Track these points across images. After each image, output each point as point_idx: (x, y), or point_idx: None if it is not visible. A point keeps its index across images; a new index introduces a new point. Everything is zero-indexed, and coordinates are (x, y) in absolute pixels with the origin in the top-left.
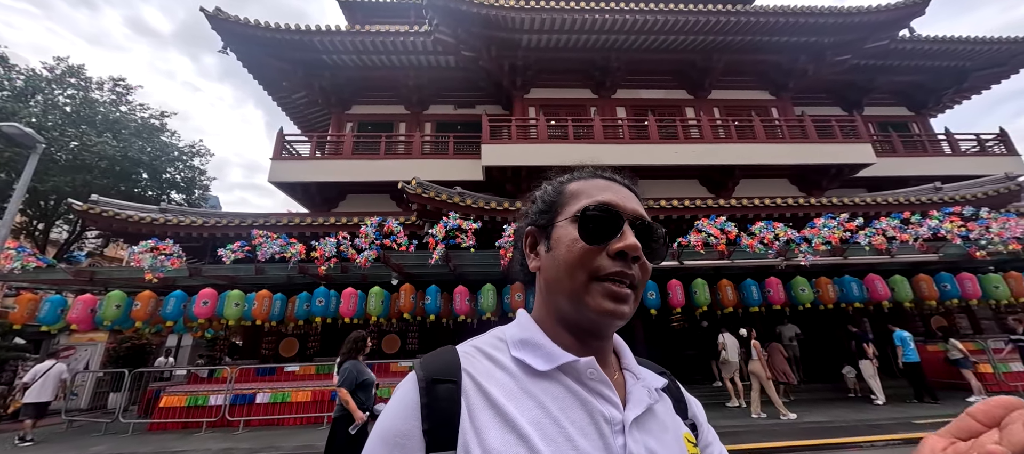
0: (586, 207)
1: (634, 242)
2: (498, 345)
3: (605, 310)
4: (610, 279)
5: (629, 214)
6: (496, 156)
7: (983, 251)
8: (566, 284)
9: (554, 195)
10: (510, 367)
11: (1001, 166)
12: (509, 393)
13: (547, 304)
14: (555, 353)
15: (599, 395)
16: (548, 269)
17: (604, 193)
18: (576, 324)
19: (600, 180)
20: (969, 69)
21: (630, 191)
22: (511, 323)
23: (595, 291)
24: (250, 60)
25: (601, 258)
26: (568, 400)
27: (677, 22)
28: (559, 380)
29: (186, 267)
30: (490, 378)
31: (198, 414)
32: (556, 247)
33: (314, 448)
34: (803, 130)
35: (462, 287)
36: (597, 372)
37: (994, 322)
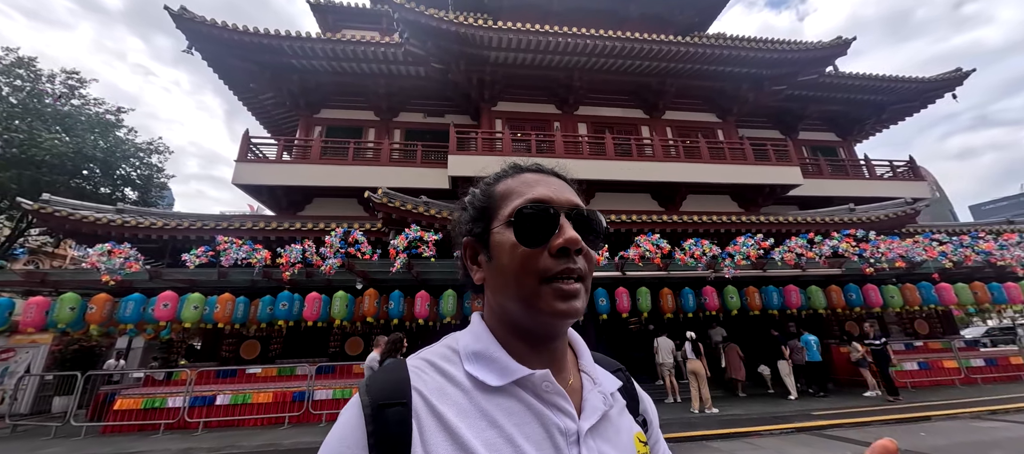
0: (519, 208)
1: (573, 235)
2: (450, 357)
3: (558, 311)
4: (558, 278)
5: (564, 205)
6: (462, 167)
7: (872, 268)
8: (514, 292)
9: (484, 200)
10: (463, 382)
11: (910, 190)
12: (462, 412)
13: (498, 310)
14: (509, 367)
15: (554, 406)
16: (493, 279)
17: (535, 189)
18: (530, 330)
19: (528, 175)
20: (886, 103)
21: (561, 180)
22: (464, 331)
23: (545, 294)
24: (216, 61)
25: (544, 259)
26: (523, 415)
27: (632, 49)
28: (514, 394)
29: (145, 270)
30: (442, 396)
31: (155, 416)
32: (497, 255)
33: (278, 446)
34: (743, 152)
35: (424, 292)
36: (552, 384)
37: (899, 326)
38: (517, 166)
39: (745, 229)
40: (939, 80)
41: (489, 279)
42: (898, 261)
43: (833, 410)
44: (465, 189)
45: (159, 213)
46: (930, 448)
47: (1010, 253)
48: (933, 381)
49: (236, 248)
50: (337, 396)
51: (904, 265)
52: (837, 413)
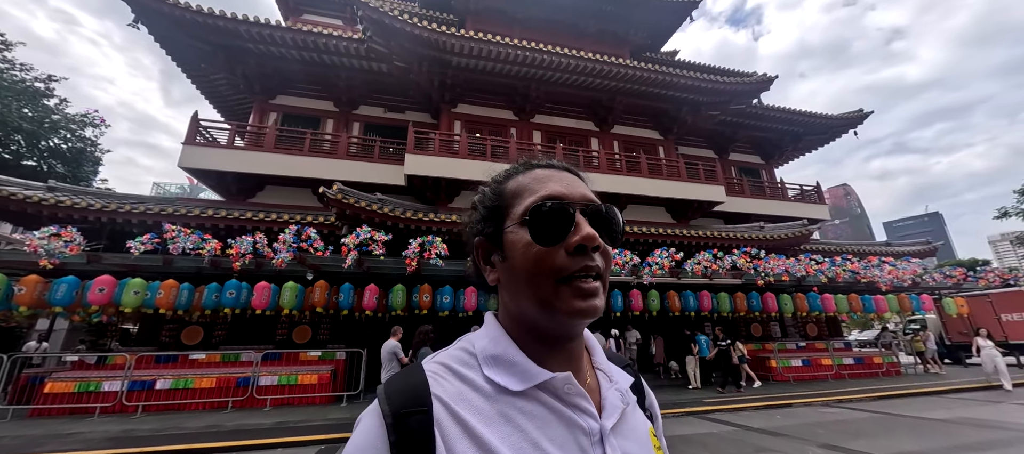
0: (533, 206)
1: (591, 232)
2: (467, 361)
3: (577, 310)
4: (575, 277)
5: (578, 201)
6: (419, 166)
7: (763, 280)
8: (531, 292)
9: (495, 198)
10: (483, 387)
11: (814, 211)
12: (485, 418)
13: (514, 312)
14: (530, 371)
15: (577, 408)
16: (508, 279)
17: (547, 185)
18: (547, 331)
19: (539, 171)
20: (801, 133)
21: (574, 175)
22: (479, 332)
23: (563, 293)
24: (165, 38)
25: (560, 257)
26: (546, 417)
27: (585, 67)
28: (536, 398)
29: (85, 254)
30: (463, 402)
31: (89, 400)
32: (511, 255)
33: (221, 427)
34: (678, 170)
35: (373, 286)
36: (574, 387)
37: (795, 329)
38: (528, 162)
39: (663, 240)
40: (844, 118)
41: (504, 280)
42: (784, 275)
43: (720, 398)
44: (428, 187)
45: (97, 193)
46: (778, 427)
47: (871, 273)
48: (812, 375)
49: (185, 237)
50: (283, 382)
51: (788, 279)
52: (722, 401)
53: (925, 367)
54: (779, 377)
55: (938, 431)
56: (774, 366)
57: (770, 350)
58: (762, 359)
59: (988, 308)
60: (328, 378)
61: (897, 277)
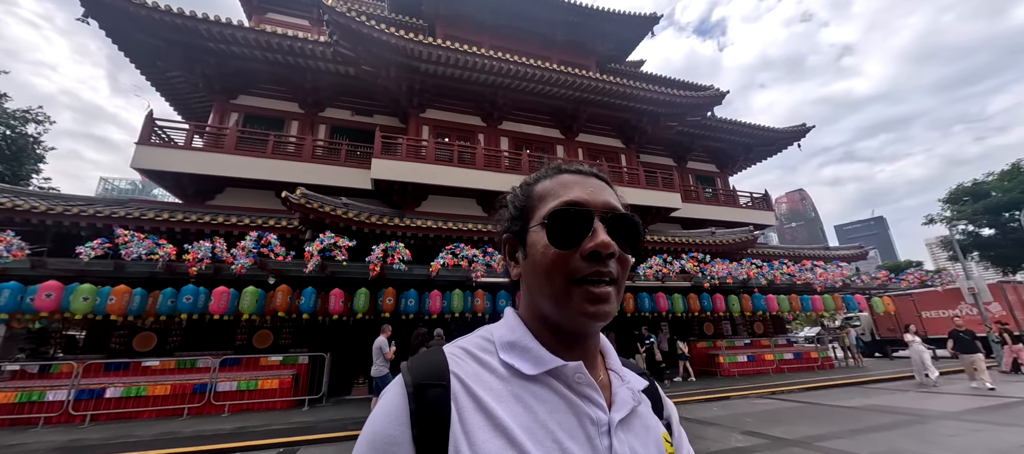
0: (553, 210)
1: (605, 240)
2: (486, 347)
3: (586, 313)
4: (587, 281)
5: (599, 209)
6: (386, 171)
7: (708, 283)
8: (546, 290)
9: (523, 199)
10: (499, 370)
11: (762, 217)
12: (498, 396)
13: (531, 307)
14: (543, 357)
15: (586, 398)
16: (527, 275)
17: (571, 191)
18: (561, 327)
19: (566, 176)
20: (752, 144)
21: (600, 181)
22: (499, 323)
23: (575, 295)
24: (118, 33)
25: (575, 261)
26: (556, 403)
27: (550, 77)
28: (548, 384)
29: (28, 259)
30: (479, 381)
31: (31, 410)
32: (531, 253)
33: (177, 435)
34: (637, 178)
35: (338, 290)
36: (584, 376)
37: (744, 327)
38: (557, 167)
39: None
40: (788, 131)
41: (524, 275)
42: (728, 278)
43: (667, 392)
44: (395, 191)
45: (40, 195)
46: (712, 418)
47: (805, 276)
48: (756, 370)
49: (138, 242)
50: (242, 388)
51: (731, 281)
52: (667, 393)
53: (855, 360)
54: (726, 372)
55: (848, 416)
56: (722, 362)
57: (718, 347)
58: (711, 356)
59: (912, 306)
60: (290, 382)
61: (827, 279)
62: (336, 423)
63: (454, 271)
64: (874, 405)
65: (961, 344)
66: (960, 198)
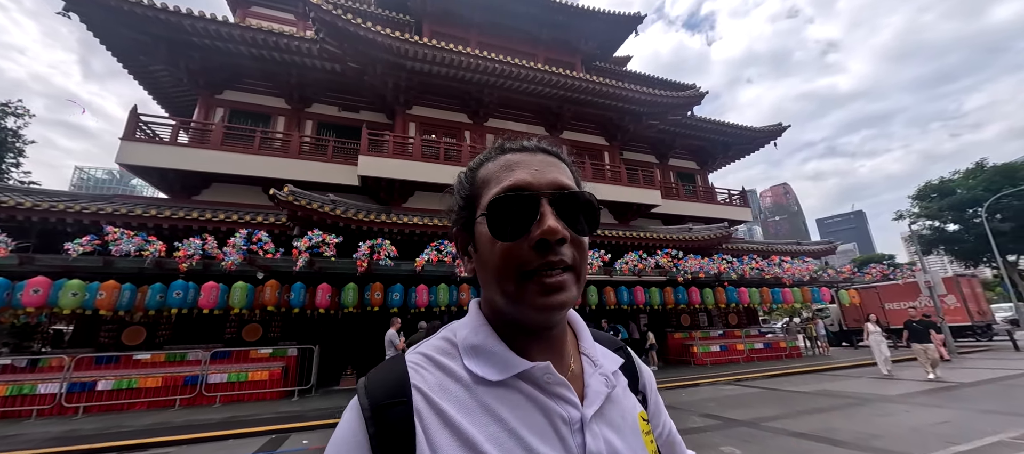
0: (492, 199)
1: (552, 225)
2: (449, 350)
3: (543, 306)
4: (539, 272)
5: (546, 188)
6: (372, 167)
7: (681, 277)
8: (497, 288)
9: (468, 187)
10: (463, 377)
11: (739, 214)
12: (464, 408)
13: (489, 303)
14: (509, 361)
15: (557, 396)
16: (479, 272)
17: (513, 173)
18: (522, 323)
19: (510, 156)
20: (730, 143)
21: (547, 155)
22: (462, 321)
23: (528, 290)
24: (99, 28)
25: (523, 253)
26: (525, 407)
27: (535, 76)
28: (515, 387)
29: (15, 255)
30: (443, 392)
31: (22, 403)
32: (479, 249)
33: (168, 425)
34: (619, 175)
35: (326, 284)
36: (553, 375)
37: (719, 319)
38: (500, 147)
39: (595, 241)
40: (765, 131)
41: (478, 273)
42: (700, 273)
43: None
44: (382, 188)
45: (24, 191)
46: (677, 403)
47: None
48: (728, 359)
49: (127, 239)
50: (232, 379)
51: (703, 276)
52: None
53: (822, 349)
54: (699, 361)
55: (800, 400)
56: (695, 352)
57: (693, 338)
58: (686, 346)
59: (876, 298)
60: (279, 374)
61: (794, 273)
62: (323, 412)
63: (438, 266)
64: (826, 390)
65: (915, 334)
66: (928, 195)
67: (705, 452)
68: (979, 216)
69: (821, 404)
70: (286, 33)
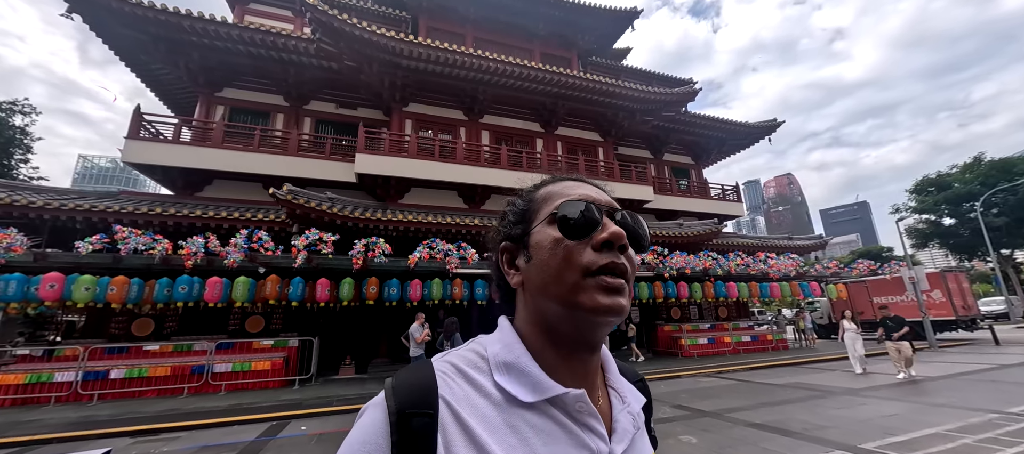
0: (564, 201)
1: (618, 230)
2: (479, 364)
3: (602, 306)
4: (602, 272)
5: (605, 206)
6: (369, 165)
7: (666, 272)
8: (555, 288)
9: (525, 204)
10: (492, 393)
11: (733, 209)
12: (491, 426)
13: (534, 316)
14: (543, 383)
15: (587, 428)
16: (532, 278)
17: (578, 189)
18: (569, 334)
19: (569, 182)
20: (724, 138)
21: (599, 188)
22: (494, 336)
23: (589, 287)
24: (102, 28)
25: (587, 253)
26: (554, 433)
27: (530, 74)
28: (546, 412)
29: (30, 252)
30: (470, 407)
31: (40, 390)
32: (537, 253)
33: (178, 411)
34: (612, 171)
35: (324, 279)
36: (586, 405)
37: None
38: (558, 177)
39: None
40: (760, 126)
41: (528, 280)
42: (687, 269)
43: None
44: (378, 184)
45: (36, 189)
46: (660, 394)
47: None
48: (715, 351)
49: (136, 238)
50: (237, 369)
51: (689, 272)
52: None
53: (809, 341)
54: (686, 353)
55: (770, 392)
56: (683, 344)
57: (682, 331)
58: (675, 338)
59: (865, 292)
60: (281, 364)
61: (780, 269)
62: (322, 400)
63: (430, 263)
64: (797, 383)
65: (888, 330)
66: (925, 189)
67: (665, 440)
68: (975, 210)
69: (788, 396)
70: (283, 32)
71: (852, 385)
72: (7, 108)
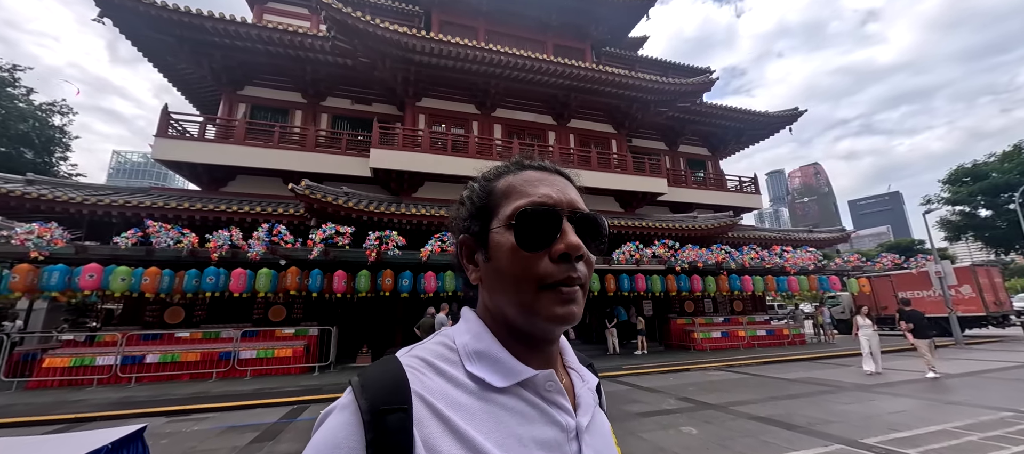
0: (520, 210)
1: (576, 241)
2: (448, 357)
3: (557, 316)
4: (558, 284)
5: (566, 208)
6: (383, 160)
7: (678, 266)
8: (512, 297)
9: (483, 196)
10: (465, 383)
11: (751, 201)
12: (468, 414)
13: (494, 313)
14: (514, 368)
15: (556, 405)
16: (490, 281)
17: (538, 188)
18: (527, 333)
19: (530, 172)
20: (743, 129)
21: (565, 179)
22: (458, 327)
23: (545, 300)
24: (131, 31)
25: (544, 264)
26: (528, 413)
27: (542, 67)
28: (518, 394)
29: (72, 245)
30: (445, 398)
31: (84, 373)
32: (495, 257)
33: (208, 394)
34: (625, 164)
35: (341, 271)
36: (554, 383)
37: (724, 305)
38: (520, 162)
39: None
40: (779, 116)
41: (487, 281)
42: (699, 263)
43: (630, 364)
44: (392, 179)
45: (74, 185)
46: (661, 386)
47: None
48: (728, 345)
49: (166, 232)
50: (261, 355)
51: (702, 266)
52: (636, 366)
53: (828, 336)
54: (699, 347)
55: (779, 387)
56: (696, 337)
57: (695, 324)
58: (688, 331)
59: (889, 286)
60: (302, 351)
61: (797, 263)
62: (341, 386)
63: (442, 256)
64: (809, 378)
65: (921, 328)
66: (960, 179)
67: (667, 431)
68: (1014, 201)
69: (797, 391)
70: (300, 30)
71: (865, 381)
72: (46, 109)
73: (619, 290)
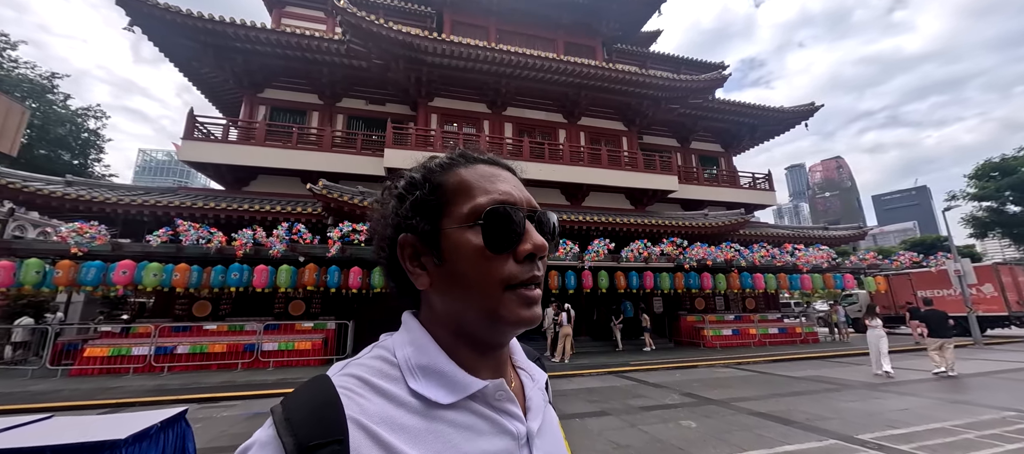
0: (489, 210)
1: (541, 241)
2: (388, 372)
3: (521, 319)
4: (522, 285)
5: (526, 207)
6: (397, 160)
7: (687, 264)
8: (476, 301)
9: (430, 191)
10: (408, 402)
11: (765, 197)
12: (412, 436)
13: (445, 319)
14: (462, 382)
15: (506, 413)
16: (445, 285)
17: (497, 184)
18: (484, 338)
19: (483, 167)
20: (757, 125)
21: (514, 174)
22: (398, 337)
23: (510, 302)
24: (159, 38)
25: (509, 265)
26: (477, 426)
27: (552, 66)
28: (467, 407)
29: (110, 243)
30: (388, 423)
31: (121, 362)
32: (453, 259)
33: (234, 383)
34: (635, 161)
35: (357, 268)
36: (505, 392)
37: (735, 303)
38: (467, 155)
39: (602, 228)
40: (795, 111)
41: (441, 285)
42: (707, 261)
43: (638, 360)
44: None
45: (109, 186)
46: (666, 382)
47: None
48: (739, 343)
49: (195, 231)
50: (282, 348)
51: (711, 263)
52: (642, 362)
53: (842, 335)
54: (709, 344)
55: (784, 384)
56: (706, 335)
57: (705, 321)
58: (698, 328)
59: (908, 284)
60: (320, 344)
61: (809, 261)
62: None
63: None
64: (816, 376)
65: (938, 327)
66: (987, 174)
67: (666, 424)
68: None
69: (802, 388)
70: (317, 34)
71: (872, 380)
72: (82, 113)
73: (628, 287)
